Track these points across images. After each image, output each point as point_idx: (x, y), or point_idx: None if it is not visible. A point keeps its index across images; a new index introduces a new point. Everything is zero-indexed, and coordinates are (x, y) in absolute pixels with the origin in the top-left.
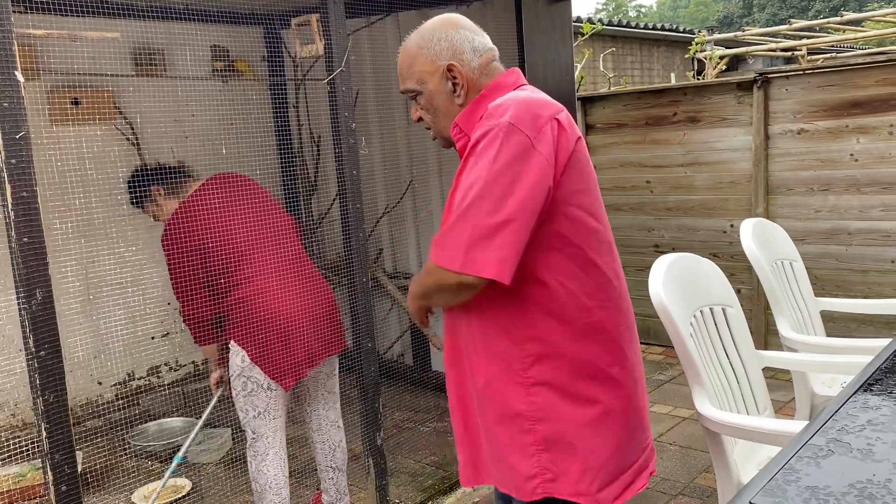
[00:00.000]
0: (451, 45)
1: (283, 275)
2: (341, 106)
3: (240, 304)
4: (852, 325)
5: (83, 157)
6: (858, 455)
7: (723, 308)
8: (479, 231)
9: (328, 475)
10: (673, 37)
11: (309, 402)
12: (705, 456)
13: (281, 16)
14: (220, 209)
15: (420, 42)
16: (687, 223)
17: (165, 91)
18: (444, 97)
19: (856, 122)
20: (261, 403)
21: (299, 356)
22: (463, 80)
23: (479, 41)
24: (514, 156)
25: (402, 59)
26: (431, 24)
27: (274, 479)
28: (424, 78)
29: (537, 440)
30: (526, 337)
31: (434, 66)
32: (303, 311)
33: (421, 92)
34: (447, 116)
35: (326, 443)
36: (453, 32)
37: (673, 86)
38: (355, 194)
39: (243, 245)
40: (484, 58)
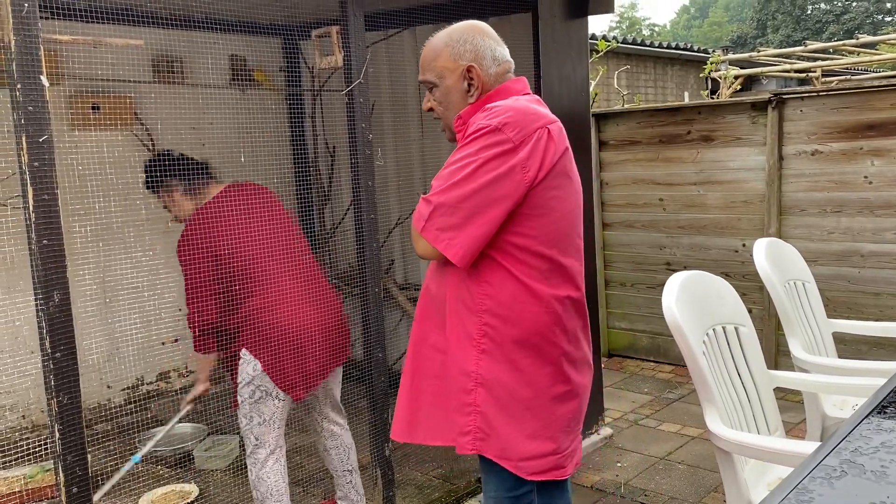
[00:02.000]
0: (474, 49)
1: (297, 286)
2: (359, 117)
3: (254, 313)
4: (864, 347)
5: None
6: (872, 477)
7: (735, 327)
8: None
9: (346, 479)
10: (687, 56)
11: (319, 410)
12: (714, 476)
13: (300, 27)
14: (238, 218)
15: (447, 40)
16: (699, 241)
17: (184, 99)
18: (458, 94)
19: (870, 145)
20: (267, 411)
21: (312, 368)
22: (479, 83)
23: (500, 52)
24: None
25: (426, 52)
26: (461, 26)
27: (274, 486)
28: (444, 73)
29: (476, 401)
30: (481, 309)
31: (456, 64)
32: (315, 322)
33: (438, 85)
34: (457, 112)
35: (341, 447)
36: (479, 38)
37: (687, 104)
38: (370, 205)
39: (259, 255)
40: (501, 67)
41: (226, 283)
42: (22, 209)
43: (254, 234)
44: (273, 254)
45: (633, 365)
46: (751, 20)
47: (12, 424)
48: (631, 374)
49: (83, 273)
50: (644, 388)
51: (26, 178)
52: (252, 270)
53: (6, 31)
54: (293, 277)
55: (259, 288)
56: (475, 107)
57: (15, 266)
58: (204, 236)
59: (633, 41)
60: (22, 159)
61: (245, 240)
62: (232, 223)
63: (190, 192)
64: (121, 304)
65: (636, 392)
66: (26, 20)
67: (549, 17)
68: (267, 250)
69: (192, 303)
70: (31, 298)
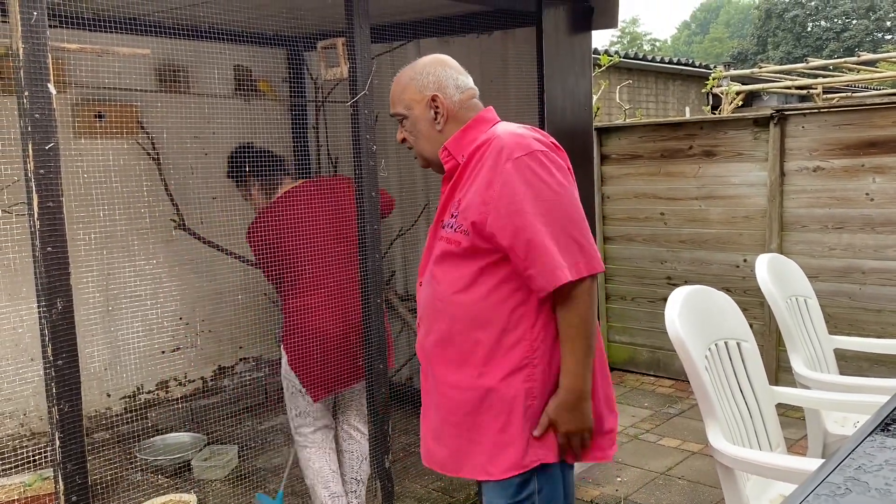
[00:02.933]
0: (437, 80)
1: (338, 294)
2: (363, 128)
3: (292, 312)
4: (865, 364)
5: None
6: (876, 494)
7: (737, 342)
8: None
9: (351, 487)
10: (688, 71)
11: (343, 411)
12: (714, 491)
13: (305, 38)
14: (292, 224)
15: (412, 74)
16: (700, 256)
17: (188, 108)
18: (426, 123)
19: (872, 162)
20: (301, 405)
21: (333, 373)
22: (444, 110)
23: (463, 80)
24: (559, 169)
25: (394, 87)
26: (423, 61)
27: (320, 472)
28: (412, 105)
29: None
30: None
31: (421, 95)
32: (347, 331)
33: (407, 116)
34: (427, 139)
35: (355, 453)
36: (441, 69)
37: (689, 119)
38: (373, 216)
39: (311, 259)
40: (465, 94)
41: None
42: (27, 216)
43: (306, 239)
44: (323, 259)
45: (633, 379)
46: (751, 36)
47: (11, 432)
48: (631, 388)
49: (86, 281)
50: (644, 402)
51: (32, 186)
52: (299, 273)
53: (15, 39)
54: (336, 284)
55: (302, 290)
56: (458, 137)
57: (18, 273)
58: (262, 235)
59: (635, 56)
60: (28, 166)
61: (296, 244)
62: (285, 228)
63: (264, 191)
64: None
65: (636, 406)
66: (35, 28)
67: (553, 31)
68: (317, 255)
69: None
70: (34, 305)
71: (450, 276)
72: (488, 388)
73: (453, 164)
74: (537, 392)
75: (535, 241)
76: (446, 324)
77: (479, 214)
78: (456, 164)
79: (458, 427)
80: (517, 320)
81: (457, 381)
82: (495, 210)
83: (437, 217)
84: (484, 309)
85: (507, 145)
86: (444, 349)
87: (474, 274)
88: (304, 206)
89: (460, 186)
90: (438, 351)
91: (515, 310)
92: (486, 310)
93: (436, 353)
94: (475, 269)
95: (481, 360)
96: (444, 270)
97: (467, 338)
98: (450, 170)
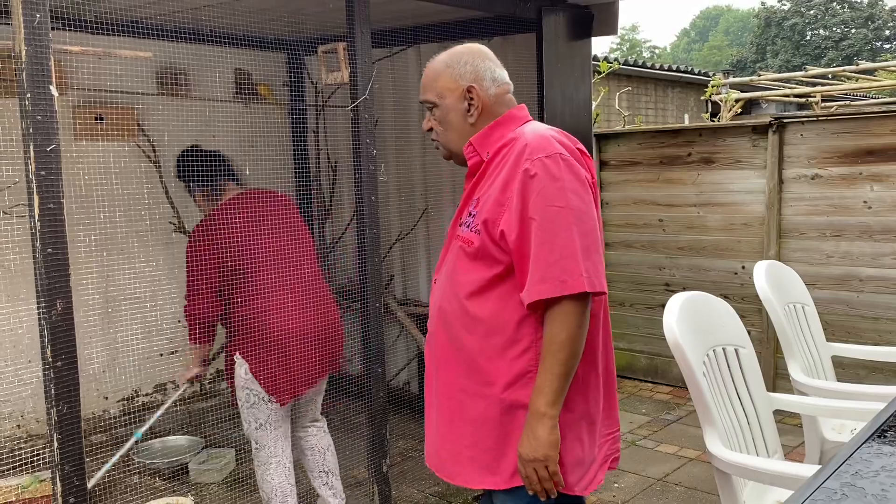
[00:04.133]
0: (474, 70)
1: (293, 295)
2: (363, 132)
3: (247, 318)
4: (862, 371)
5: (108, 173)
6: (873, 500)
7: (735, 348)
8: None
9: (322, 480)
10: (688, 78)
11: (297, 413)
12: (711, 498)
13: (305, 43)
14: (241, 226)
15: (448, 61)
16: (698, 263)
17: (188, 111)
18: (458, 114)
19: (870, 170)
20: (262, 415)
21: (298, 375)
22: (478, 103)
23: (499, 73)
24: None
25: (427, 73)
26: (461, 49)
27: (279, 487)
28: (444, 93)
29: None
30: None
31: (455, 84)
32: (307, 331)
33: (438, 105)
34: (457, 131)
35: (315, 447)
36: (479, 60)
37: (688, 126)
38: (372, 219)
39: (258, 264)
40: (500, 89)
41: (224, 285)
42: (27, 217)
43: (254, 242)
44: (271, 263)
45: (630, 385)
46: (750, 45)
47: (7, 434)
48: (629, 394)
49: (86, 282)
50: (642, 408)
51: (33, 187)
52: (248, 277)
53: (18, 42)
54: (289, 286)
55: (253, 294)
56: (485, 133)
57: (18, 274)
58: (208, 239)
59: (635, 63)
60: (29, 168)
61: (244, 248)
62: (234, 230)
63: (208, 199)
64: (122, 314)
65: (634, 413)
66: (37, 31)
67: (553, 37)
68: (265, 259)
69: (190, 296)
70: (34, 307)
71: (462, 279)
72: (493, 395)
73: (477, 161)
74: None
75: (531, 248)
76: (455, 327)
77: (491, 213)
78: (479, 161)
79: (461, 432)
80: (525, 330)
81: (462, 387)
82: (508, 211)
83: (457, 214)
84: (493, 316)
85: (529, 146)
86: (450, 352)
87: (485, 281)
88: (249, 210)
89: (481, 185)
90: (445, 353)
91: (524, 319)
92: (495, 317)
93: (442, 355)
94: (486, 277)
95: (487, 367)
96: (458, 272)
97: (475, 344)
98: (473, 166)
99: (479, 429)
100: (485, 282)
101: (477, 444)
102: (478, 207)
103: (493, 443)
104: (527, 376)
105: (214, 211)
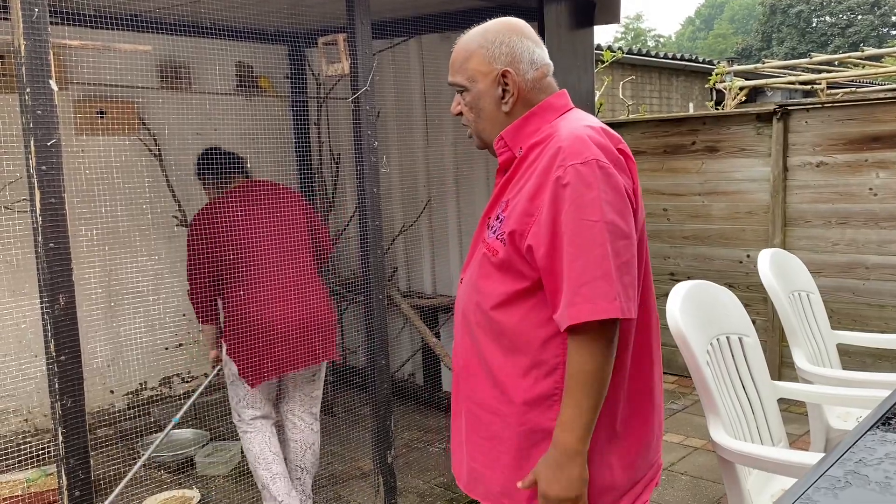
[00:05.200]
0: (511, 52)
1: (276, 284)
2: (364, 124)
3: (228, 302)
4: (868, 359)
5: (110, 167)
6: (877, 488)
7: (739, 337)
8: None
9: (296, 474)
10: (692, 67)
11: (286, 401)
12: (716, 487)
13: (306, 35)
14: (234, 216)
15: (481, 41)
16: (703, 252)
17: (190, 105)
18: (491, 101)
19: (875, 157)
20: (241, 392)
21: (269, 360)
22: (515, 89)
23: (539, 54)
24: (613, 188)
25: (457, 52)
26: (496, 26)
27: (260, 454)
28: (476, 77)
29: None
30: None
31: (489, 67)
32: (284, 321)
33: (468, 89)
34: (490, 120)
35: (299, 442)
36: (516, 39)
37: (692, 115)
38: (375, 212)
39: (248, 254)
40: (539, 71)
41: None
42: (29, 212)
43: (243, 231)
44: (257, 251)
45: None
46: (756, 32)
47: (15, 428)
48: None
49: (88, 277)
50: None
51: (34, 182)
52: (235, 264)
53: (16, 36)
54: (273, 276)
55: (238, 280)
56: (519, 125)
57: (20, 269)
58: (201, 223)
59: (639, 52)
60: (30, 163)
61: (233, 235)
62: (227, 218)
63: (213, 189)
64: (125, 308)
65: None
66: (36, 25)
67: (555, 26)
68: (251, 248)
69: (191, 280)
70: (37, 302)
71: (487, 289)
72: (512, 415)
73: (509, 157)
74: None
75: (562, 266)
76: (478, 337)
77: (519, 224)
78: (511, 157)
79: (480, 446)
80: (551, 350)
81: (484, 400)
82: (537, 223)
83: (486, 211)
84: (518, 333)
85: (562, 150)
86: (475, 363)
87: (511, 294)
88: (247, 202)
89: (512, 185)
90: (469, 362)
91: (551, 338)
92: (521, 334)
93: (466, 364)
94: (512, 290)
95: (508, 384)
96: (483, 279)
97: (497, 359)
98: (504, 162)
99: (496, 446)
100: (510, 295)
101: (494, 460)
102: (506, 212)
103: (510, 463)
104: (551, 399)
105: (213, 202)
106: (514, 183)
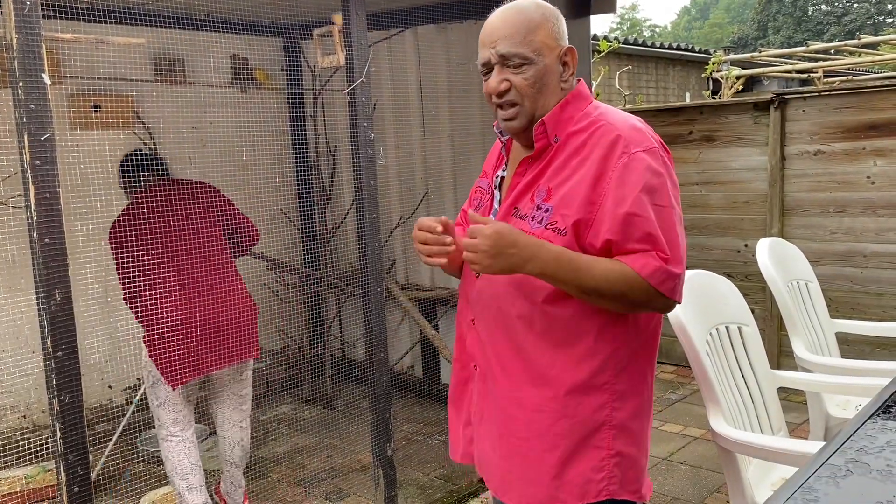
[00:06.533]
0: (564, 31)
1: (192, 283)
2: (360, 116)
3: (146, 305)
4: (867, 348)
5: (105, 161)
6: (878, 476)
7: (738, 327)
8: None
9: (226, 468)
10: (689, 56)
11: (215, 400)
12: (716, 476)
13: (301, 27)
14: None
15: (545, 13)
16: (701, 242)
17: (185, 98)
18: (555, 79)
19: (873, 145)
20: (161, 395)
21: (188, 361)
22: (573, 69)
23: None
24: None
25: (517, 21)
26: (546, 3)
27: (178, 464)
28: (543, 50)
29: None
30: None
31: (556, 43)
32: (201, 318)
33: (533, 63)
34: (553, 96)
35: (227, 439)
36: (562, 19)
37: (689, 104)
38: (372, 204)
39: (159, 254)
40: None
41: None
42: (24, 208)
43: (156, 233)
44: (172, 252)
45: None
46: (752, 21)
47: (13, 424)
48: None
49: (84, 272)
50: None
51: (28, 177)
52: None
53: (8, 29)
54: (190, 275)
55: (154, 282)
56: (557, 111)
57: (16, 265)
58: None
59: (635, 42)
60: (24, 158)
61: (147, 239)
62: (137, 223)
63: (131, 191)
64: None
65: None
66: (28, 18)
67: None
68: (166, 250)
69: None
70: (33, 297)
71: (539, 280)
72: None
73: (544, 144)
74: (618, 423)
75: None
76: (521, 333)
77: (584, 213)
78: (547, 144)
79: (519, 448)
80: (604, 344)
81: (523, 399)
82: (602, 211)
83: (508, 202)
84: (575, 323)
85: (623, 137)
86: (509, 360)
87: None
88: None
89: (551, 173)
90: (501, 360)
91: (606, 326)
92: (577, 324)
93: (500, 363)
94: None
95: (559, 377)
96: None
97: (547, 352)
98: (539, 149)
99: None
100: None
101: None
102: (550, 201)
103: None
104: (602, 389)
105: (129, 202)
106: (555, 172)
